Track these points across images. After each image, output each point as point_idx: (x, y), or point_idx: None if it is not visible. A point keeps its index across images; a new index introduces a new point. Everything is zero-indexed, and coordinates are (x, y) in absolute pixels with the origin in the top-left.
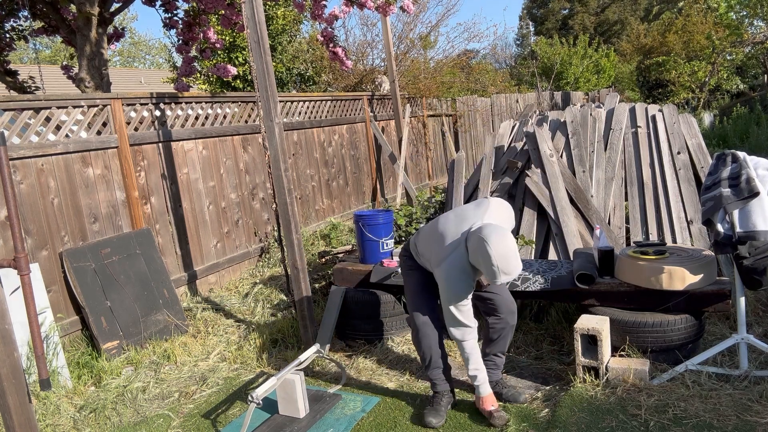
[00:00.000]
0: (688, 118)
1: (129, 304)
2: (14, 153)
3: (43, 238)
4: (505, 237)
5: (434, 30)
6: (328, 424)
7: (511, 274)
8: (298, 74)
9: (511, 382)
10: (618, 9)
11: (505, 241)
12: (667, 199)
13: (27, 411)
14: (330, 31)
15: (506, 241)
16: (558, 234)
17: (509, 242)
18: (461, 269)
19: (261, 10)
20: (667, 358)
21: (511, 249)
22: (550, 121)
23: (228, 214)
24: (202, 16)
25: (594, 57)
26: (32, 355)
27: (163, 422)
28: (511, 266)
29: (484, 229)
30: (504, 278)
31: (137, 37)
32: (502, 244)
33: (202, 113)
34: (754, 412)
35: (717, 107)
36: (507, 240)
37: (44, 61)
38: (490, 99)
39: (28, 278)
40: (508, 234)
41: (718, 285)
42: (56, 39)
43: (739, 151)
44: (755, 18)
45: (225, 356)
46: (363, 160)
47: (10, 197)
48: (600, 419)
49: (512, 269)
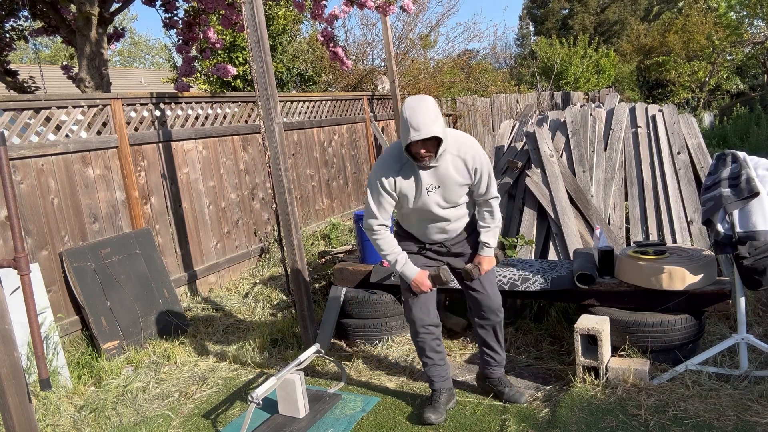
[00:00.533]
0: (688, 118)
1: (129, 304)
2: (14, 153)
3: (43, 238)
4: (422, 97)
5: (434, 30)
6: (328, 424)
7: (419, 129)
8: (298, 74)
9: (510, 382)
10: (618, 9)
11: (419, 98)
12: (667, 199)
13: (27, 411)
14: (330, 31)
15: (420, 98)
16: (558, 234)
17: (423, 100)
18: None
19: (261, 10)
20: (667, 358)
21: (420, 103)
22: (550, 121)
23: (228, 214)
24: (202, 16)
25: (594, 57)
26: (32, 355)
27: (163, 422)
28: (418, 119)
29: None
30: (413, 134)
31: (137, 37)
32: (415, 99)
33: (202, 113)
34: (754, 412)
35: (717, 107)
36: (422, 98)
37: (44, 61)
38: (490, 99)
39: (28, 278)
40: (427, 98)
41: (718, 285)
42: (56, 39)
43: (739, 151)
44: (755, 18)
45: (225, 356)
46: (363, 160)
47: (10, 197)
48: (600, 419)
49: (420, 124)
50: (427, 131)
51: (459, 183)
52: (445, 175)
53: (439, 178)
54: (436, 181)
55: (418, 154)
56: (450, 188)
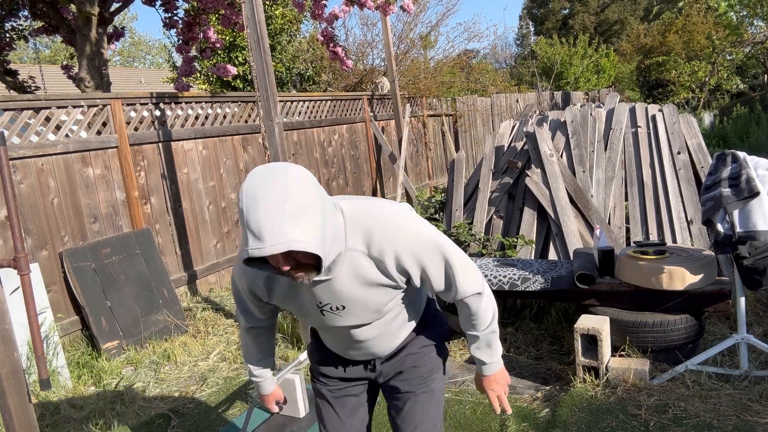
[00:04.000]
0: (688, 118)
1: (129, 304)
2: (14, 153)
3: (43, 238)
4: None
5: (434, 30)
6: None
7: (261, 238)
8: (298, 74)
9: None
10: (618, 9)
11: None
12: (667, 199)
13: (27, 411)
14: (330, 30)
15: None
16: (558, 234)
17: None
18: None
19: (261, 10)
20: (667, 358)
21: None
22: (550, 121)
23: (228, 213)
24: (202, 15)
25: (594, 57)
26: (32, 355)
27: (163, 422)
28: (259, 219)
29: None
30: (253, 245)
31: (137, 37)
32: (258, 175)
33: (202, 113)
34: (754, 412)
35: (717, 107)
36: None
37: (44, 61)
38: (490, 99)
39: (28, 278)
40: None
41: (718, 285)
42: (56, 39)
43: (739, 151)
44: (755, 18)
45: (225, 356)
46: (363, 160)
47: (10, 197)
48: (600, 419)
49: (262, 228)
50: (275, 244)
51: (374, 295)
52: (350, 288)
53: (339, 294)
54: (334, 298)
55: (282, 272)
56: (361, 306)
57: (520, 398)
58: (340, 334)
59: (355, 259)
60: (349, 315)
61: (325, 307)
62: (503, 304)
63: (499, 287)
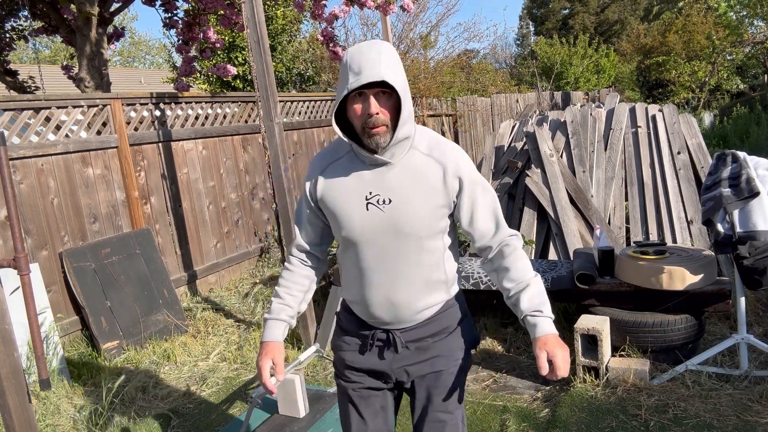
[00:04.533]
0: (688, 118)
1: (129, 304)
2: (14, 153)
3: (43, 238)
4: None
5: (434, 30)
6: (328, 424)
7: (360, 72)
8: (298, 74)
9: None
10: (618, 9)
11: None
12: (667, 199)
13: (27, 411)
14: (330, 30)
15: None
16: (558, 234)
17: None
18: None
19: (261, 10)
20: (668, 358)
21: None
22: (550, 121)
23: (228, 214)
24: (202, 16)
25: (594, 57)
26: (32, 355)
27: (163, 422)
28: (361, 61)
29: None
30: (352, 80)
31: (137, 37)
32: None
33: (202, 113)
34: (754, 412)
35: (717, 107)
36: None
37: (44, 61)
38: (490, 99)
39: (28, 278)
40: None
41: (718, 285)
42: (56, 39)
43: (739, 151)
44: (755, 18)
45: (225, 356)
46: None
47: (10, 197)
48: (600, 419)
49: (362, 66)
50: (371, 74)
51: (426, 198)
52: (407, 184)
53: (391, 186)
54: (385, 189)
55: (365, 123)
56: (413, 204)
57: (520, 398)
58: (371, 263)
59: (416, 158)
60: (392, 215)
61: (372, 199)
62: (503, 304)
63: None
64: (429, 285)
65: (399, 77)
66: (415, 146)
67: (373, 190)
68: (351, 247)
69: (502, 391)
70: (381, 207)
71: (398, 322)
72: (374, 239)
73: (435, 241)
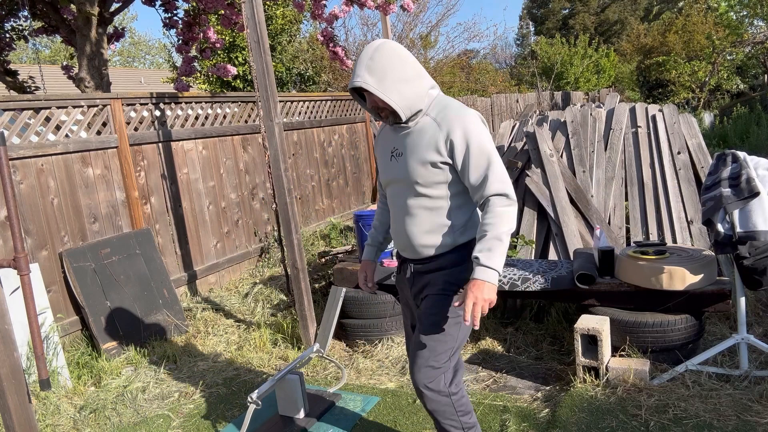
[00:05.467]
0: (688, 118)
1: (129, 304)
2: (14, 153)
3: (43, 238)
4: (383, 41)
5: (434, 30)
6: (328, 424)
7: (353, 74)
8: (298, 74)
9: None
10: (618, 9)
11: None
12: (667, 199)
13: (27, 411)
14: (330, 30)
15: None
16: (558, 234)
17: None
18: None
19: (261, 10)
20: (668, 358)
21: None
22: (550, 121)
23: (228, 214)
24: (202, 16)
25: (594, 57)
26: (32, 355)
27: (163, 422)
28: (358, 59)
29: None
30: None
31: (137, 37)
32: (375, 42)
33: (202, 113)
34: (754, 412)
35: (717, 107)
36: (382, 42)
37: (44, 61)
38: (490, 99)
39: (27, 278)
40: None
41: (718, 285)
42: (56, 39)
43: (739, 151)
44: (755, 18)
45: (225, 356)
46: (363, 160)
47: (10, 197)
48: (600, 419)
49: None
50: (355, 79)
51: (424, 156)
52: (413, 143)
53: (404, 144)
54: (400, 146)
55: (374, 108)
56: (412, 158)
57: (520, 398)
58: (394, 200)
59: (425, 122)
60: (401, 165)
61: (394, 152)
62: (503, 304)
63: (499, 287)
64: (434, 227)
65: (376, 77)
66: (428, 113)
67: (395, 146)
68: (386, 189)
69: (502, 391)
70: (397, 159)
71: (410, 253)
72: (393, 183)
73: (434, 189)
